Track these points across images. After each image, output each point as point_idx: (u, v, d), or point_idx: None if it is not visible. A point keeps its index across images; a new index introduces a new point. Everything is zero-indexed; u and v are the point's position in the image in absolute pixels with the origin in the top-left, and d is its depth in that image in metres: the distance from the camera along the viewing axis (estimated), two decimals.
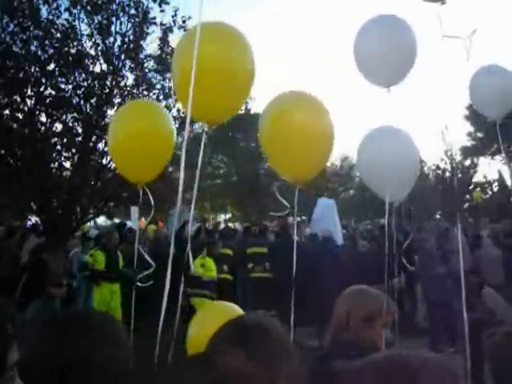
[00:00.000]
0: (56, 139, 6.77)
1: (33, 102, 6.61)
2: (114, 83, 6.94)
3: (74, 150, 6.89)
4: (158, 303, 2.27)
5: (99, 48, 6.90)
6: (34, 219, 8.86)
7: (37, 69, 6.56)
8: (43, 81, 6.58)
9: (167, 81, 7.19)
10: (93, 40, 6.88)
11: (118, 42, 6.96)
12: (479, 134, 25.84)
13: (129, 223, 12.44)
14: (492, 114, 3.06)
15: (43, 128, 6.72)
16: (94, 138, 6.94)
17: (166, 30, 7.28)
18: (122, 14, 6.98)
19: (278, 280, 6.91)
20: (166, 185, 7.56)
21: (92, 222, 10.06)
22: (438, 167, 22.64)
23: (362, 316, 1.63)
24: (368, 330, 1.62)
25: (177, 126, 7.77)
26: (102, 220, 13.02)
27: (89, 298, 7.42)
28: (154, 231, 10.12)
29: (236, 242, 8.90)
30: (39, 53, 6.52)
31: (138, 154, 2.70)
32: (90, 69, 6.88)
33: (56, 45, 6.55)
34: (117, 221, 12.60)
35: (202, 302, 5.92)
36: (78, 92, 6.80)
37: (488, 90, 2.91)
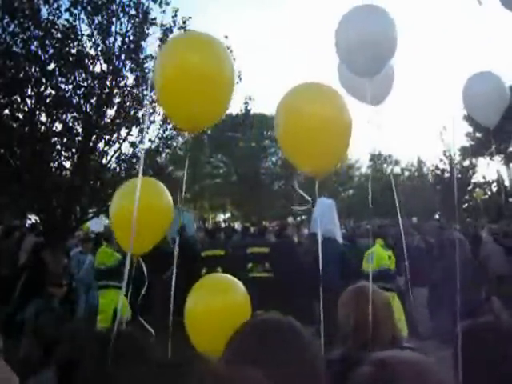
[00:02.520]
0: (56, 139, 6.78)
1: (33, 101, 6.62)
2: (113, 83, 6.96)
3: (73, 150, 6.90)
4: (155, 302, 2.28)
5: (99, 48, 6.92)
6: (33, 219, 8.87)
7: (37, 69, 6.57)
8: (43, 81, 6.59)
9: None
10: (93, 40, 6.90)
11: (118, 43, 6.99)
12: (478, 135, 25.90)
13: None
14: (486, 121, 3.08)
15: (43, 128, 6.73)
16: (93, 137, 6.95)
17: (166, 31, 7.30)
18: (122, 14, 6.99)
19: (279, 280, 6.92)
20: (165, 184, 7.58)
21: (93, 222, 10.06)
22: (437, 167, 22.70)
23: (391, 314, 1.69)
24: (391, 326, 1.67)
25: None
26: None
27: (89, 298, 7.43)
28: None
29: (233, 242, 8.92)
30: (39, 53, 6.53)
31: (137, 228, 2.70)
32: (90, 69, 6.89)
33: (56, 45, 6.56)
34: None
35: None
36: (78, 92, 6.82)
37: (481, 96, 2.93)
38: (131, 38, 7.03)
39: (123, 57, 7.00)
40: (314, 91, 2.38)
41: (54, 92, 6.68)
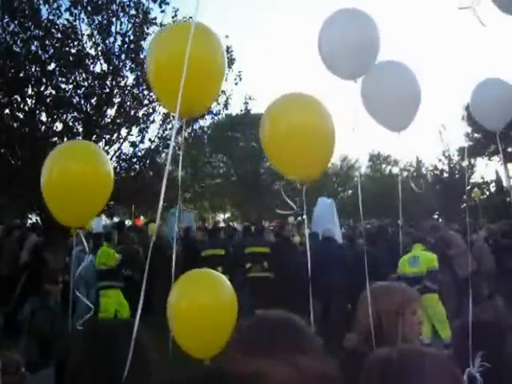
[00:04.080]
0: (56, 138, 6.80)
1: (33, 101, 6.65)
2: (113, 83, 6.97)
3: None
4: (158, 299, 2.30)
5: (99, 48, 6.93)
6: (34, 218, 8.88)
7: (37, 68, 6.58)
8: (43, 80, 6.61)
9: None
10: (93, 40, 6.91)
11: (119, 42, 7.01)
12: (477, 135, 25.95)
13: (127, 222, 12.47)
14: (492, 126, 3.09)
15: (43, 127, 6.75)
16: (94, 137, 6.96)
17: None
18: (122, 14, 7.01)
19: (279, 280, 6.93)
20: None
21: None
22: (435, 168, 22.74)
23: (393, 312, 1.67)
24: (399, 323, 1.66)
25: (177, 125, 7.82)
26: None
27: (89, 297, 7.42)
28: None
29: (234, 241, 8.92)
30: (40, 53, 6.55)
31: (74, 198, 2.54)
32: (91, 69, 6.91)
33: (56, 45, 6.58)
34: (116, 220, 12.63)
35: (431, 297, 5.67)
36: (79, 92, 6.84)
37: (488, 102, 2.95)
38: (131, 37, 7.05)
39: (123, 57, 7.02)
40: (298, 101, 2.44)
41: (54, 92, 6.70)
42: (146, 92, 7.20)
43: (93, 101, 6.88)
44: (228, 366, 0.61)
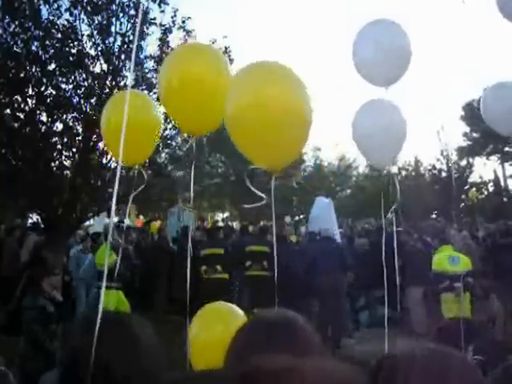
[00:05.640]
0: (56, 138, 6.83)
1: (33, 101, 6.68)
2: (113, 83, 7.00)
3: (74, 150, 6.95)
4: (158, 297, 2.35)
5: (99, 48, 6.95)
6: (34, 217, 8.91)
7: (37, 69, 6.61)
8: (44, 80, 6.64)
9: None
10: (93, 40, 6.93)
11: (118, 42, 7.03)
12: (475, 135, 26.02)
13: (126, 221, 12.47)
14: (503, 131, 3.13)
15: (44, 127, 6.78)
16: (94, 137, 6.99)
17: (166, 31, 7.35)
18: (121, 14, 7.03)
19: (278, 279, 6.96)
20: (165, 183, 7.64)
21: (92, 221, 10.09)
22: (433, 167, 22.78)
23: None
24: None
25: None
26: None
27: (89, 297, 7.46)
28: (158, 229, 10.11)
29: (233, 241, 8.95)
30: (40, 53, 6.58)
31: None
32: (90, 69, 6.93)
33: (56, 45, 6.61)
34: (115, 219, 12.63)
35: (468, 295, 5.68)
36: (79, 92, 6.86)
37: (499, 106, 2.99)
38: (131, 37, 7.07)
39: (123, 57, 7.04)
40: (268, 73, 1.93)
41: (54, 92, 6.73)
42: (145, 92, 7.22)
43: (93, 101, 6.90)
44: (262, 363, 0.62)
